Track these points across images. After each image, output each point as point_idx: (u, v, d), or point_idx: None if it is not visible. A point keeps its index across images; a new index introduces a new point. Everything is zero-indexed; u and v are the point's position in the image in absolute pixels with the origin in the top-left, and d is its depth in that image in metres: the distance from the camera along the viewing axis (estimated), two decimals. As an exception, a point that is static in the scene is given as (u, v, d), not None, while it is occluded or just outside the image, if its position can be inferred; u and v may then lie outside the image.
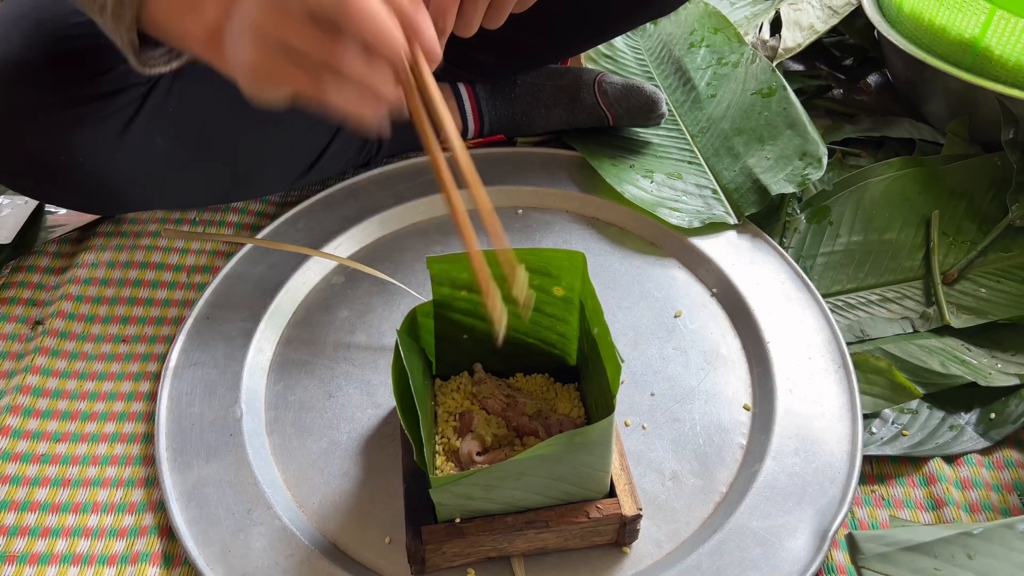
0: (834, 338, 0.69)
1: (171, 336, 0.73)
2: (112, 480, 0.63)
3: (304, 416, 0.66)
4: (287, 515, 0.59)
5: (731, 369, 0.69)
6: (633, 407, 0.66)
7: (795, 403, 0.65)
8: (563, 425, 0.59)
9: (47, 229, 0.83)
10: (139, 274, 0.78)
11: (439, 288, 0.58)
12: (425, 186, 0.84)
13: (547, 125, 0.90)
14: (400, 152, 0.88)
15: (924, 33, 0.88)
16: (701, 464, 0.63)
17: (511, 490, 0.52)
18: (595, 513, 0.54)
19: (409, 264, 0.78)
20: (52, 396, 0.68)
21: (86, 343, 0.72)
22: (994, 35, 0.81)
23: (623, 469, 0.57)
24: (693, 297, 0.75)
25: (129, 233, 0.81)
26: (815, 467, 0.61)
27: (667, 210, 0.80)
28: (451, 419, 0.60)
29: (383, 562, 0.57)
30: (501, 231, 0.47)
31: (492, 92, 0.89)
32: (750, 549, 0.56)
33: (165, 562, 0.58)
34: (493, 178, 0.85)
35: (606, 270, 0.77)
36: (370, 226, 0.81)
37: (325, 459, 0.63)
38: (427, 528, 0.53)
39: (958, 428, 0.66)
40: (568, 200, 0.84)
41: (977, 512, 0.61)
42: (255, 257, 0.77)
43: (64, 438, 0.66)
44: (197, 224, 0.83)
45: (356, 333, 0.72)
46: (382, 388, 0.68)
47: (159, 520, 0.61)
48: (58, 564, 0.58)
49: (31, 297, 0.78)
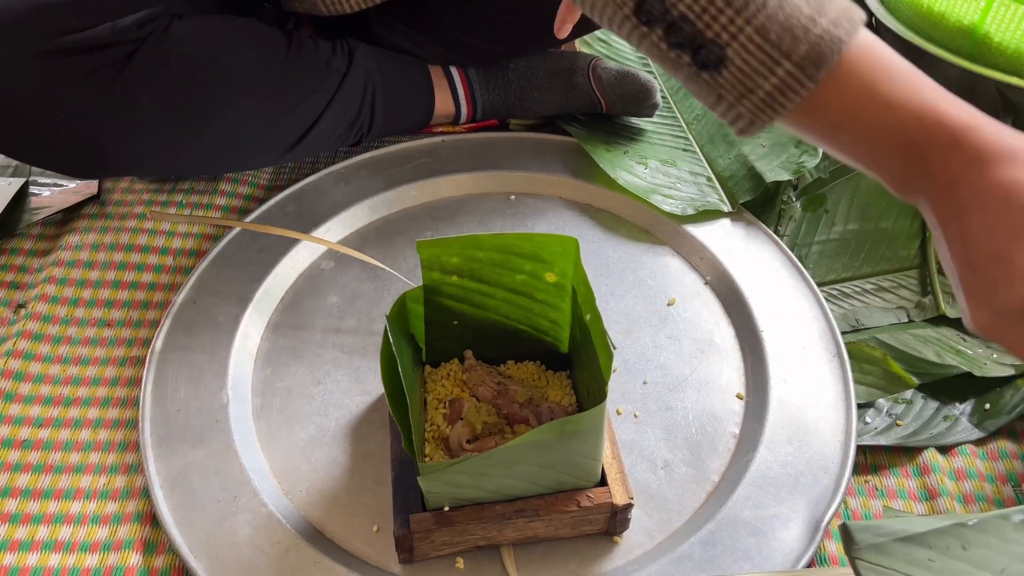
0: (829, 327, 0.69)
1: (156, 320, 0.72)
2: (95, 466, 0.62)
3: (292, 402, 0.65)
4: (273, 502, 0.58)
5: (724, 358, 0.68)
6: (625, 395, 0.66)
7: (789, 392, 0.64)
8: (554, 413, 0.58)
9: (31, 211, 0.82)
10: (124, 257, 0.76)
11: (429, 273, 0.57)
12: (416, 171, 0.83)
13: (540, 110, 0.89)
14: (392, 134, 0.87)
15: (922, 20, 0.87)
16: (693, 453, 0.62)
17: (501, 478, 0.51)
18: (586, 502, 0.53)
19: (399, 249, 0.77)
20: (35, 381, 0.67)
21: (70, 327, 0.71)
22: (993, 22, 0.80)
23: (614, 458, 0.56)
24: (687, 285, 0.74)
25: (114, 215, 0.79)
26: (808, 457, 0.60)
27: (661, 197, 0.79)
28: (441, 406, 0.59)
29: (370, 550, 0.56)
30: None
31: (485, 76, 0.88)
32: (742, 539, 0.56)
33: (148, 549, 0.57)
34: (485, 164, 0.83)
35: (599, 257, 0.76)
36: (360, 211, 0.79)
37: (312, 446, 0.62)
38: (415, 516, 0.53)
39: (952, 418, 0.66)
40: (561, 186, 0.83)
41: (971, 503, 0.61)
42: (243, 241, 0.75)
43: (47, 423, 0.65)
44: (184, 207, 0.81)
45: (345, 319, 0.71)
46: (371, 374, 0.67)
47: (143, 507, 0.60)
48: (39, 551, 0.57)
49: (13, 280, 0.76)
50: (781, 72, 0.42)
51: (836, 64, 0.42)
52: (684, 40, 0.44)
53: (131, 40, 0.66)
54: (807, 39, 0.42)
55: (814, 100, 0.43)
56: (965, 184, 0.41)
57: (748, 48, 0.42)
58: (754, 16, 0.42)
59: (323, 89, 0.76)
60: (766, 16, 0.42)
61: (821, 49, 0.42)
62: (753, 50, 0.42)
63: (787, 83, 0.42)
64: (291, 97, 0.74)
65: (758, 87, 0.43)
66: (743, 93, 0.44)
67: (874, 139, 0.43)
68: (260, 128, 0.74)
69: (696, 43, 0.43)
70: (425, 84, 0.86)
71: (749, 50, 0.42)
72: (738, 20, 0.42)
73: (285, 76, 0.73)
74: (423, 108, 0.86)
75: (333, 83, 0.77)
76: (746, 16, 0.42)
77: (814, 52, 0.42)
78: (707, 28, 0.43)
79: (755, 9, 0.42)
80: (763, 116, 0.44)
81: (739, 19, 0.42)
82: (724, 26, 0.43)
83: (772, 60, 0.42)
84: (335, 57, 0.77)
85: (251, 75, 0.72)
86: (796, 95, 0.43)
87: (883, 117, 0.42)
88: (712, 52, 0.43)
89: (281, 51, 0.73)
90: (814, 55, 0.42)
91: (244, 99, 0.72)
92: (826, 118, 0.44)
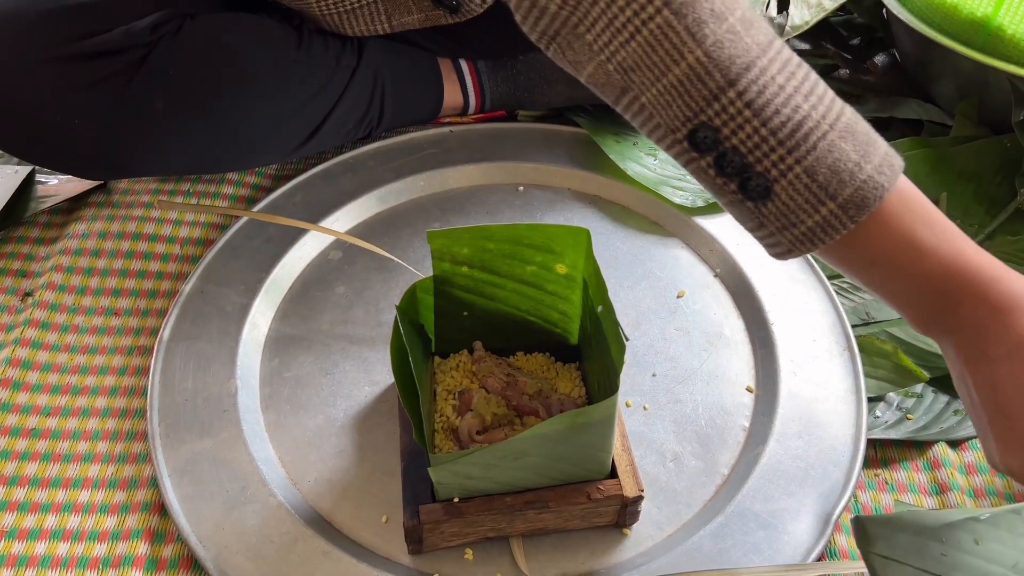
0: (839, 320, 0.68)
1: (164, 310, 0.72)
2: (103, 455, 0.62)
3: (300, 392, 0.65)
4: (282, 492, 0.58)
5: (734, 350, 0.68)
6: (634, 388, 0.65)
7: (799, 385, 0.64)
8: (564, 405, 0.58)
9: (37, 199, 0.82)
10: (131, 246, 0.76)
11: (439, 263, 0.57)
12: (424, 161, 0.82)
13: (549, 101, 0.88)
14: (400, 127, 0.86)
15: (934, 11, 0.86)
16: (703, 446, 0.62)
17: (511, 470, 0.51)
18: (596, 494, 0.53)
19: (408, 240, 0.77)
20: (42, 369, 0.67)
21: (77, 315, 0.71)
22: (1007, 14, 0.80)
23: (624, 450, 0.56)
24: (696, 277, 0.74)
25: (121, 204, 0.79)
26: (818, 450, 0.60)
27: (671, 189, 0.78)
28: (450, 397, 0.59)
29: (379, 541, 0.56)
30: None
31: (494, 68, 0.87)
32: (752, 532, 0.56)
33: (157, 539, 0.57)
34: (494, 154, 0.83)
35: (608, 249, 0.76)
36: (369, 201, 0.79)
37: (321, 436, 0.62)
38: (425, 507, 0.52)
39: (963, 413, 0.65)
40: (570, 178, 0.82)
41: (981, 497, 0.61)
42: (251, 230, 0.75)
43: (54, 412, 0.64)
44: (191, 196, 0.81)
45: (353, 309, 0.71)
46: (379, 365, 0.67)
47: (151, 496, 0.60)
48: (47, 540, 0.57)
49: (21, 268, 0.76)
50: (825, 211, 0.44)
51: (877, 207, 0.44)
52: (733, 171, 0.45)
53: (145, 43, 0.66)
54: (852, 183, 0.44)
55: (853, 236, 0.45)
56: (993, 333, 0.44)
57: (796, 186, 0.44)
58: (804, 157, 0.44)
59: (333, 85, 0.76)
60: (815, 158, 0.44)
61: (865, 194, 0.44)
62: (801, 188, 0.44)
63: (829, 222, 0.45)
64: (302, 94, 0.74)
65: (801, 222, 0.45)
66: (785, 226, 0.46)
67: (906, 280, 0.46)
68: (272, 126, 0.74)
69: (745, 175, 0.45)
70: (434, 77, 0.85)
71: (796, 188, 0.44)
72: (789, 159, 0.44)
73: (296, 74, 0.73)
74: (432, 101, 0.86)
75: (343, 79, 0.76)
76: (797, 156, 0.44)
77: (858, 196, 0.44)
78: (758, 163, 0.45)
79: (806, 150, 0.44)
80: (801, 247, 0.46)
81: (790, 158, 0.44)
82: (775, 163, 0.44)
83: (818, 200, 0.44)
84: (344, 52, 0.77)
85: (263, 74, 0.71)
86: (836, 233, 0.45)
87: (917, 261, 0.45)
88: (760, 185, 0.45)
89: (292, 49, 0.73)
90: (858, 198, 0.44)
91: (256, 98, 0.72)
92: (863, 254, 0.46)
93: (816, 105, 0.44)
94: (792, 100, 0.44)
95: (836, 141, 0.44)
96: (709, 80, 0.44)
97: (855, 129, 0.45)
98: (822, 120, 0.44)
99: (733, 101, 0.44)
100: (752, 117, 0.44)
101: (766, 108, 0.44)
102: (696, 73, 0.44)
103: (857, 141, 0.45)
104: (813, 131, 0.44)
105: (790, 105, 0.44)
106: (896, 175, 0.45)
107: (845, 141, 0.44)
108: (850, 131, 0.45)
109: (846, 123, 0.45)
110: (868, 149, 0.45)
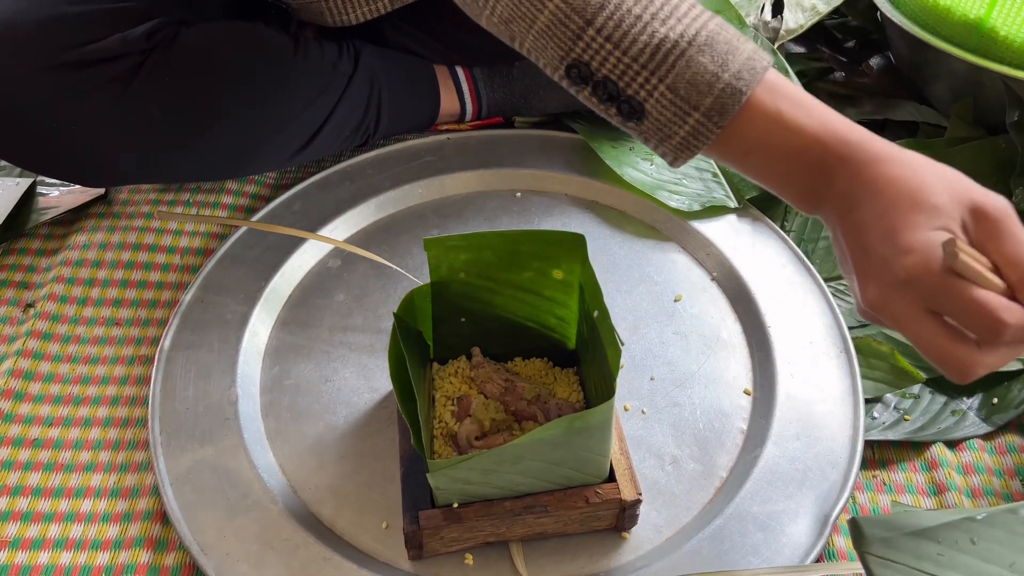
0: (836, 322, 0.69)
1: (165, 319, 0.73)
2: (106, 464, 0.62)
3: (300, 400, 0.65)
4: (283, 499, 0.58)
5: (731, 353, 0.68)
6: (632, 391, 0.66)
7: (796, 388, 0.64)
8: (562, 409, 0.58)
9: (38, 211, 0.82)
10: (132, 256, 0.77)
11: (437, 270, 0.57)
12: (422, 168, 0.83)
13: (545, 107, 0.89)
14: (398, 134, 0.87)
15: (928, 14, 0.86)
16: (701, 449, 0.62)
17: (510, 474, 0.51)
18: (594, 498, 0.54)
19: (406, 247, 0.77)
20: (44, 380, 0.67)
21: (78, 326, 0.72)
22: (1000, 15, 0.80)
23: (623, 454, 0.56)
24: (693, 281, 0.74)
25: (121, 215, 0.80)
26: (816, 452, 0.60)
27: (667, 193, 0.79)
28: (449, 403, 0.59)
29: (380, 547, 0.57)
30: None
31: (490, 74, 0.88)
32: (751, 534, 0.56)
33: (159, 547, 0.58)
34: (491, 161, 0.84)
35: (606, 254, 0.76)
36: (367, 209, 0.80)
37: (321, 443, 0.63)
38: (425, 513, 0.53)
39: (960, 413, 0.66)
40: (567, 183, 0.83)
41: (979, 497, 0.61)
42: (250, 240, 0.76)
43: (57, 422, 0.65)
44: (191, 206, 0.82)
45: (353, 316, 0.71)
46: (379, 372, 0.67)
47: (153, 505, 0.60)
48: (51, 549, 0.57)
49: (22, 280, 0.77)
50: (692, 121, 0.49)
51: (740, 109, 0.48)
52: (609, 97, 0.50)
53: (140, 51, 0.66)
54: (711, 92, 0.48)
55: (726, 135, 0.49)
56: (858, 182, 0.46)
57: (662, 103, 0.49)
58: (666, 76, 0.48)
59: (329, 92, 0.76)
60: (676, 75, 0.48)
61: (724, 100, 0.48)
62: (667, 104, 0.49)
63: (698, 130, 0.49)
64: (298, 102, 0.74)
65: (675, 134, 0.50)
66: (663, 138, 0.50)
67: (782, 161, 0.49)
68: (268, 133, 0.74)
69: (620, 99, 0.50)
70: (431, 84, 0.86)
71: (664, 104, 0.49)
72: (653, 80, 0.49)
73: (292, 81, 0.73)
74: (429, 108, 0.86)
75: (339, 86, 0.77)
76: (659, 76, 0.48)
77: (718, 104, 0.48)
78: (627, 87, 0.49)
79: (666, 70, 0.48)
80: (683, 154, 0.51)
81: (653, 79, 0.49)
82: (642, 84, 0.49)
83: (684, 112, 0.49)
84: (341, 59, 0.77)
85: (258, 81, 0.72)
86: (707, 139, 0.49)
87: (787, 140, 0.48)
88: (634, 106, 0.50)
89: (287, 56, 0.73)
90: (718, 106, 0.48)
91: (252, 105, 0.72)
92: (739, 147, 0.50)
93: (674, 27, 0.48)
94: (649, 26, 0.48)
95: (694, 56, 0.48)
96: (570, 23, 0.49)
97: (715, 41, 0.48)
98: (680, 39, 0.48)
99: (594, 38, 0.49)
100: (613, 49, 0.49)
101: (624, 38, 0.48)
102: (558, 18, 0.49)
103: (716, 52, 0.48)
104: (671, 51, 0.48)
105: (647, 32, 0.48)
106: (756, 77, 0.48)
107: (703, 55, 0.48)
108: (709, 44, 0.48)
109: (706, 37, 0.48)
110: (727, 59, 0.48)
